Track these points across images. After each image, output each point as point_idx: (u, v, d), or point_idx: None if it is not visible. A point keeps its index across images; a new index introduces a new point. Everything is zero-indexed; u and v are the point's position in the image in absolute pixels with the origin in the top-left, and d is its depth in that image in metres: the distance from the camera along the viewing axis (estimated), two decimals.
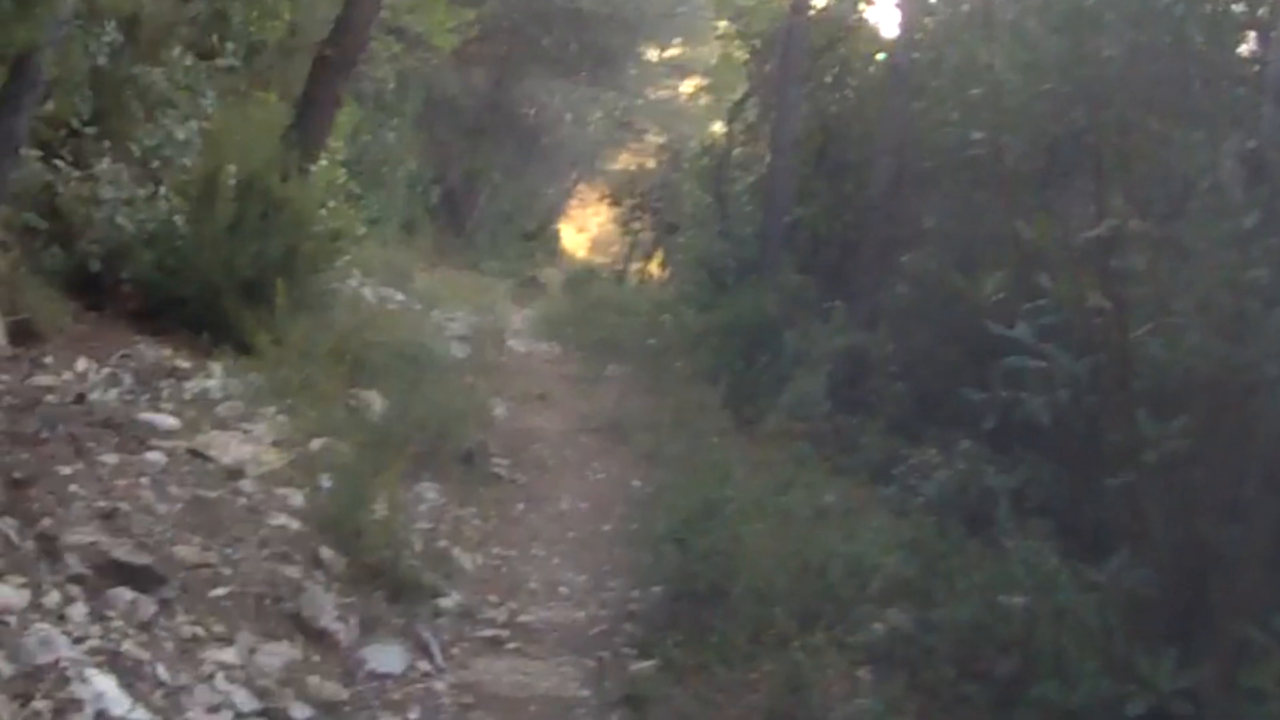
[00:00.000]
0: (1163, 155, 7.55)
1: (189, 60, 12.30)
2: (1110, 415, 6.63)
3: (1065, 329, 6.90)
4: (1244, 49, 8.19)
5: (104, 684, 4.98)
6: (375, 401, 10.30)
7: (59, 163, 9.99)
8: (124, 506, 6.56)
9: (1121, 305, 6.40)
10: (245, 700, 5.58)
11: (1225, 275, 5.90)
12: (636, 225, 36.94)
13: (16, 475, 6.36)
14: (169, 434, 7.95)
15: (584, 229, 48.61)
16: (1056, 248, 6.73)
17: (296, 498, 7.86)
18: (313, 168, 12.06)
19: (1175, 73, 7.50)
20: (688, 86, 39.36)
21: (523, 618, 7.70)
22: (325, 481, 8.10)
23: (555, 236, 43.23)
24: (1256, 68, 7.77)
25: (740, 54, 22.93)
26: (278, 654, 6.07)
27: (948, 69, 11.94)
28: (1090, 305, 6.50)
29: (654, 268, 34.83)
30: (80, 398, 7.99)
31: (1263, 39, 7.82)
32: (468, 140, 32.27)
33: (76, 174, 10.10)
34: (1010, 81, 8.70)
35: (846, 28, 19.09)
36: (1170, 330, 6.25)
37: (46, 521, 6.02)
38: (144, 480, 7.06)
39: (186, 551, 6.44)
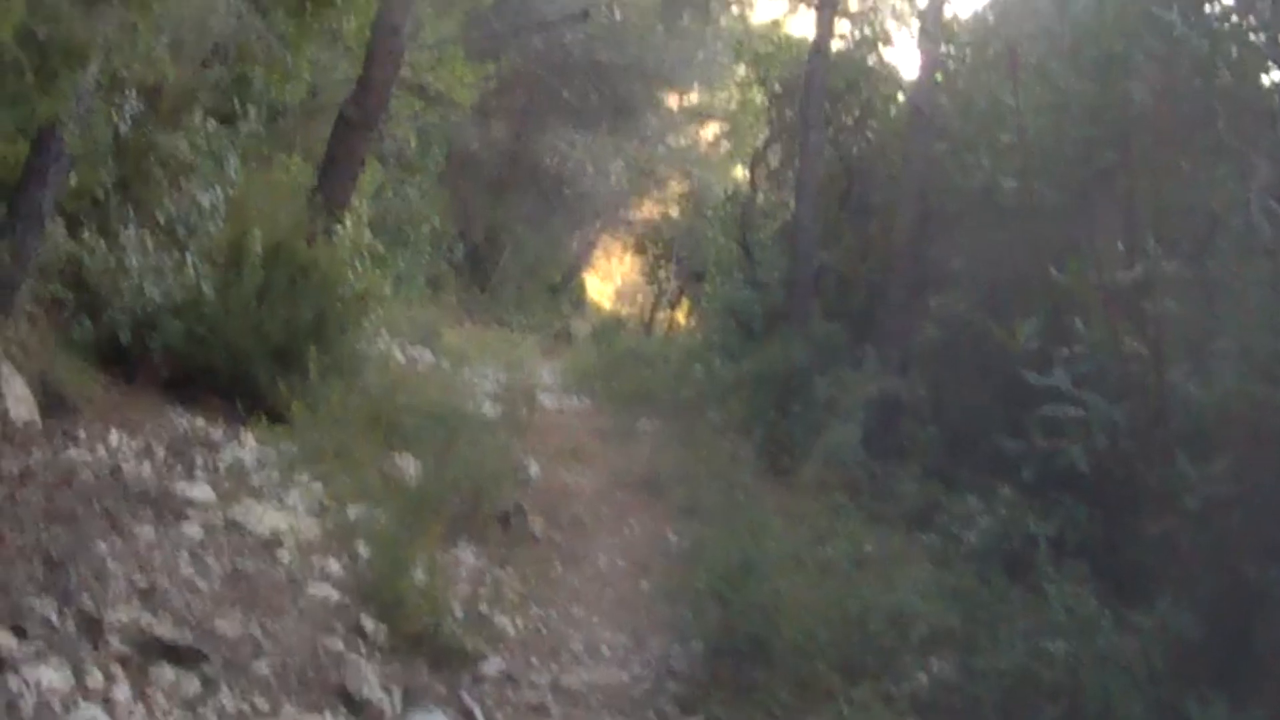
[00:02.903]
0: (1191, 194, 7.54)
1: (211, 125, 12.33)
2: (1147, 459, 6.60)
3: (1100, 374, 6.87)
4: (1266, 80, 8.18)
5: None
6: (410, 465, 10.27)
7: (84, 233, 10.00)
8: (163, 582, 6.56)
9: (1157, 348, 6.37)
10: None
11: (1262, 317, 5.87)
12: (661, 274, 37.04)
13: (54, 553, 6.35)
14: (205, 506, 7.93)
15: (608, 279, 48.59)
16: (1089, 290, 6.69)
17: (335, 566, 7.85)
18: (338, 229, 12.08)
19: (1202, 111, 7.48)
20: (709, 133, 39.45)
21: (566, 680, 7.66)
22: (363, 549, 8.09)
23: (580, 288, 43.19)
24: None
25: (760, 99, 23.00)
26: None
27: (976, 113, 11.93)
28: (1125, 350, 6.48)
29: (680, 316, 34.88)
30: (114, 471, 7.98)
31: None
32: (490, 194, 32.34)
33: (102, 244, 10.10)
34: (1035, 125, 8.69)
35: (866, 70, 19.12)
36: (1207, 372, 6.23)
37: (86, 600, 6.01)
38: (182, 554, 7.05)
39: (227, 625, 6.42)
